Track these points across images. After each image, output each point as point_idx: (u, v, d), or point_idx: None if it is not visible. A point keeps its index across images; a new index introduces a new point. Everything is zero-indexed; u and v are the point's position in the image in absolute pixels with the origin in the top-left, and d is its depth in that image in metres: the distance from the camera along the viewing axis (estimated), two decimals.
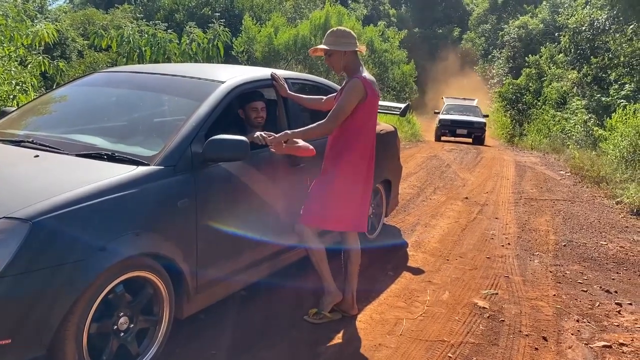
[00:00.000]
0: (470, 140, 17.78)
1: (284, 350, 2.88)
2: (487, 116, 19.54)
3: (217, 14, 11.61)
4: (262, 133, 3.04)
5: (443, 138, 18.03)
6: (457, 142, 17.32)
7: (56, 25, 7.97)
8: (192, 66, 4.91)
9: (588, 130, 11.63)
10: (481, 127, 17.55)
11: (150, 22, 9.40)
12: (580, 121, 12.19)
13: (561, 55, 17.82)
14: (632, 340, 3.28)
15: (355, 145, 3.09)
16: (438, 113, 19.30)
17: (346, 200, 3.12)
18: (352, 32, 3.19)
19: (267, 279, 3.36)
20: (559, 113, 14.65)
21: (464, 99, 22.10)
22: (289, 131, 3.04)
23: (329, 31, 3.24)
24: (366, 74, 3.12)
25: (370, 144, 3.19)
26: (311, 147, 2.98)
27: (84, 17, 23.02)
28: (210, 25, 9.79)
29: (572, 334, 3.31)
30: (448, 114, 18.84)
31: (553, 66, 18.88)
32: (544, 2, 29.90)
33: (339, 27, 3.23)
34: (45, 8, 22.44)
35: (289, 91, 3.50)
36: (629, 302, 3.88)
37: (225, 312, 3.20)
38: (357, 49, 3.12)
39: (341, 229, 3.23)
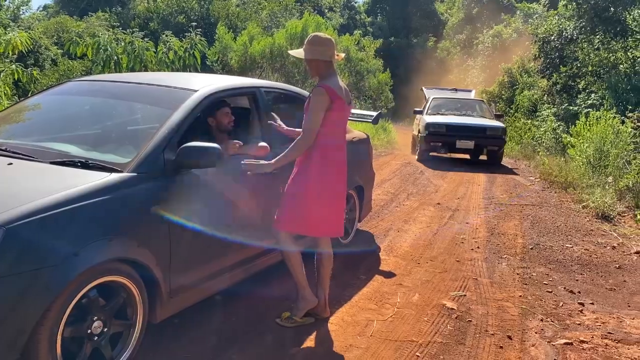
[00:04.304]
0: (479, 157, 11.64)
1: (257, 353, 2.95)
2: (501, 116, 12.89)
3: (193, 23, 11.66)
4: (246, 161, 3.15)
5: (433, 154, 11.45)
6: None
7: (30, 34, 7.93)
8: (166, 75, 4.97)
9: (557, 137, 11.96)
10: (499, 135, 11.01)
11: (128, 30, 9.41)
12: (549, 128, 12.52)
13: (532, 64, 18.22)
14: (592, 337, 3.42)
15: (324, 151, 3.16)
16: (419, 112, 12.45)
17: (318, 205, 3.17)
18: (329, 39, 3.21)
19: (241, 283, 3.43)
20: (529, 121, 15.00)
21: (455, 89, 15.30)
22: (272, 161, 3.15)
23: (308, 36, 3.28)
24: (335, 81, 3.17)
25: (340, 150, 3.26)
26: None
27: (57, 25, 22.79)
28: (186, 33, 9.85)
29: (535, 333, 3.44)
30: (438, 113, 11.93)
31: (525, 74, 19.34)
32: (518, 12, 30.58)
33: (317, 34, 3.25)
34: (19, 16, 22.16)
35: (285, 127, 3.56)
36: (591, 302, 4.03)
37: (199, 316, 3.26)
38: (328, 59, 3.17)
39: (315, 235, 3.29)
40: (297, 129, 3.34)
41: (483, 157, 11.62)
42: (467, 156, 11.93)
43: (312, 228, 3.23)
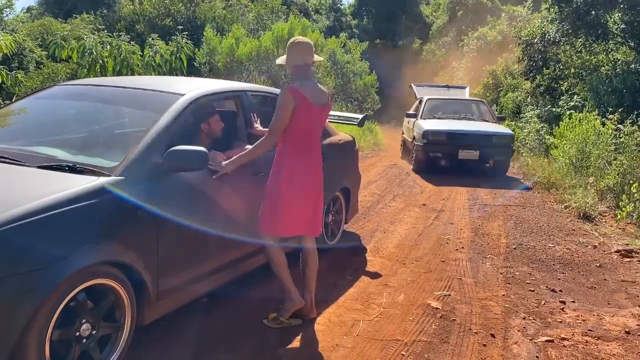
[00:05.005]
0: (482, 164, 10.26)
1: (245, 353, 2.99)
2: (503, 118, 12.02)
3: (180, 26, 11.66)
4: (222, 163, 3.22)
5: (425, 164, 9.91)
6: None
7: (14, 37, 7.89)
8: (153, 79, 4.99)
9: (540, 138, 12.12)
10: (507, 144, 9.65)
11: (114, 34, 9.38)
12: (533, 130, 12.69)
13: (516, 66, 18.42)
14: (573, 334, 3.51)
15: (292, 152, 3.20)
16: (413, 116, 10.94)
17: (288, 206, 3.20)
18: (301, 44, 3.25)
19: (229, 285, 3.46)
20: (513, 122, 15.18)
21: (447, 86, 14.09)
22: (231, 160, 3.22)
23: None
24: (307, 83, 3.22)
25: (311, 151, 3.28)
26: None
27: (41, 27, 22.58)
28: (172, 36, 9.84)
29: (518, 331, 3.52)
30: (434, 117, 10.60)
31: (509, 77, 19.55)
32: (503, 15, 30.88)
33: (293, 39, 3.32)
34: (2, 19, 21.93)
35: (260, 128, 3.64)
36: (572, 300, 4.12)
37: (187, 318, 3.29)
38: (300, 63, 3.22)
39: (288, 234, 3.32)
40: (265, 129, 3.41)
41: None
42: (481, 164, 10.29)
43: (286, 228, 3.26)
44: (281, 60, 3.31)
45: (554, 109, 12.79)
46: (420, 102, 11.59)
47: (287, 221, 3.23)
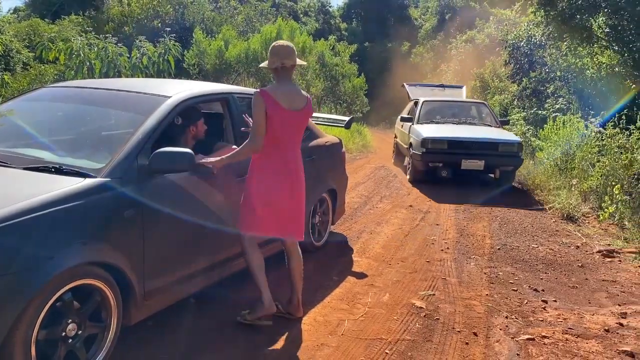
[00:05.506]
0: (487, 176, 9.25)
1: (232, 352, 3.03)
2: (507, 122, 10.92)
3: (167, 28, 11.66)
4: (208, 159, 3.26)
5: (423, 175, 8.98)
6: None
7: (0, 38, 7.86)
8: (140, 81, 5.01)
9: (527, 140, 12.26)
10: (515, 152, 8.67)
11: (101, 36, 9.37)
12: (519, 132, 12.83)
13: (503, 69, 18.61)
14: (554, 332, 3.58)
15: (262, 154, 3.21)
16: (408, 120, 10.05)
17: (260, 207, 3.22)
18: (278, 47, 3.27)
19: (215, 286, 3.50)
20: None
21: (442, 85, 12.87)
22: (215, 159, 3.24)
23: None
24: (282, 87, 3.24)
25: (289, 155, 3.27)
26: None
27: (29, 28, 22.41)
28: (161, 38, 9.85)
29: (500, 329, 3.58)
30: (432, 122, 9.75)
31: (496, 79, 19.74)
32: (491, 18, 31.16)
33: (275, 43, 3.34)
34: None
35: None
36: (554, 299, 4.20)
37: (173, 318, 3.32)
38: (276, 66, 3.23)
39: (267, 234, 3.34)
40: None
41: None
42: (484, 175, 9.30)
43: (260, 227, 3.27)
44: (264, 63, 3.35)
45: (539, 112, 12.95)
46: (416, 104, 10.56)
47: (260, 221, 3.24)
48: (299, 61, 3.34)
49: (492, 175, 9.11)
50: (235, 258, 3.59)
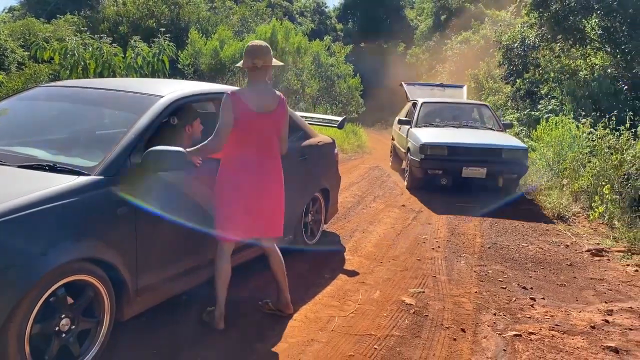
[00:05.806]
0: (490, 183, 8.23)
1: (223, 348, 3.08)
2: (510, 125, 10.08)
3: (162, 28, 11.69)
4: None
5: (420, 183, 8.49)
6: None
7: None
8: (134, 81, 5.06)
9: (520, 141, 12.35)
10: (519, 160, 8.02)
11: (96, 36, 9.40)
12: (513, 133, 12.92)
13: (497, 70, 18.69)
14: (540, 329, 3.64)
15: (227, 155, 3.24)
16: (406, 123, 9.50)
17: (226, 207, 3.23)
18: (252, 47, 3.27)
19: (207, 283, 3.54)
20: None
21: (442, 85, 12.58)
22: (189, 150, 3.22)
23: None
24: (252, 88, 3.25)
25: (262, 154, 3.26)
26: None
27: (24, 28, 22.39)
28: (155, 38, 9.88)
29: (488, 326, 3.65)
30: (431, 125, 9.23)
31: (490, 80, 19.83)
32: (487, 19, 31.28)
33: (250, 42, 3.35)
34: None
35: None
36: (542, 297, 4.27)
37: (166, 314, 3.36)
38: (247, 67, 3.24)
39: (240, 237, 3.32)
40: None
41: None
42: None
43: (231, 229, 3.25)
44: (240, 63, 3.37)
45: (533, 113, 13.03)
46: (414, 105, 10.01)
47: (229, 221, 3.23)
48: (274, 62, 3.32)
49: (495, 184, 8.28)
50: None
